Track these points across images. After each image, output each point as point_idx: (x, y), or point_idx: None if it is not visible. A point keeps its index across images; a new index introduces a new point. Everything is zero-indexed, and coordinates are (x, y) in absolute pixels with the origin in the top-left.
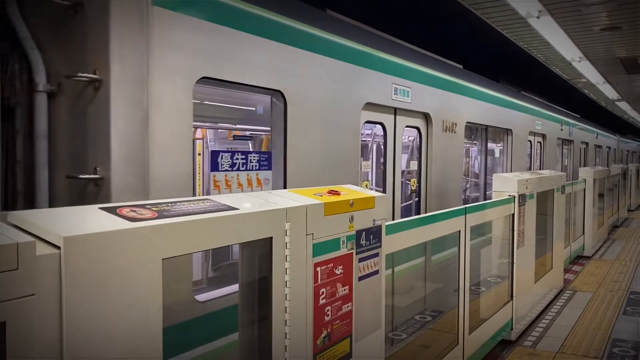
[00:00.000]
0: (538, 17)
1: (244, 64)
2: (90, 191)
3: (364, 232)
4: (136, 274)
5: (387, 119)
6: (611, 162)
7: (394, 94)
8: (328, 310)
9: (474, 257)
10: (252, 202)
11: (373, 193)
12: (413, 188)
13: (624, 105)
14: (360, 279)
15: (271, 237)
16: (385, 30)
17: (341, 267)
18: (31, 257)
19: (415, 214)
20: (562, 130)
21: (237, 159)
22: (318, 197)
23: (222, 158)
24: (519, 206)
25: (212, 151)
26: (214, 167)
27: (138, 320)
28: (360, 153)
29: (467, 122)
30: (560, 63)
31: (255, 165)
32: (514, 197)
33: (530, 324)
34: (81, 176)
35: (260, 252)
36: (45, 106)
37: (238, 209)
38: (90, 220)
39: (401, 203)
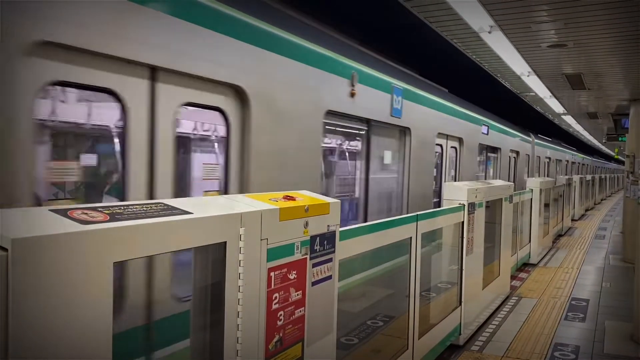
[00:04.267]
0: (490, 32)
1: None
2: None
3: (318, 238)
4: (86, 278)
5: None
6: (586, 173)
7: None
8: (281, 315)
9: (424, 263)
10: (206, 207)
11: (327, 199)
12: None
13: (569, 119)
14: (314, 284)
15: (225, 242)
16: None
17: (295, 272)
18: None
19: None
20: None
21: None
22: (273, 203)
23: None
24: (469, 214)
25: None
26: None
27: (87, 324)
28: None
29: (526, 153)
30: (510, 77)
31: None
32: (464, 205)
33: (477, 329)
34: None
35: (214, 256)
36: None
37: (192, 213)
38: (40, 222)
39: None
